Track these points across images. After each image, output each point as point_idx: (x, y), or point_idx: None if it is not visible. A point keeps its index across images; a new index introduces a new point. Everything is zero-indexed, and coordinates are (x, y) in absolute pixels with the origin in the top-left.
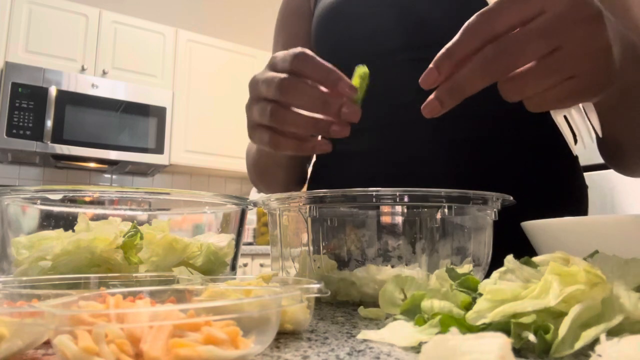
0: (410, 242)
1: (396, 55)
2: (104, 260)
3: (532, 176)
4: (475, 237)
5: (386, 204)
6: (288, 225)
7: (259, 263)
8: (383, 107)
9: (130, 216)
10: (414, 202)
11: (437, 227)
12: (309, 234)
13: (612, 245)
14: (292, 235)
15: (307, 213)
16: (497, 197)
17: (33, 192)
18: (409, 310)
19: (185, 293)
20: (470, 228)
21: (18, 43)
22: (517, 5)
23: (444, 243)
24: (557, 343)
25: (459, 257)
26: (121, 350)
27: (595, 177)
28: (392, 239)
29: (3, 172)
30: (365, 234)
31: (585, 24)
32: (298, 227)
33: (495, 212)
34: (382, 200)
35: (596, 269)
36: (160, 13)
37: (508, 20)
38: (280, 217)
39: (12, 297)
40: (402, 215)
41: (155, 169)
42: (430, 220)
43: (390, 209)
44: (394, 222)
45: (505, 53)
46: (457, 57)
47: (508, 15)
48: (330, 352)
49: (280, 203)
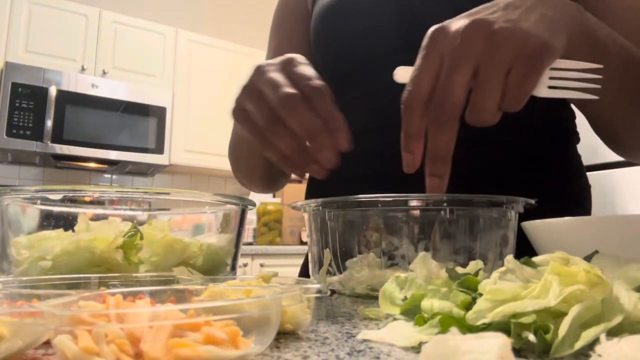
0: (413, 243)
1: (397, 54)
2: (104, 260)
3: (536, 177)
4: (484, 238)
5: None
6: None
7: (259, 263)
8: (385, 108)
9: (130, 216)
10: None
11: (442, 227)
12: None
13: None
14: None
15: (325, 216)
16: (509, 199)
17: (33, 192)
18: (409, 310)
19: (185, 293)
20: (479, 229)
21: (18, 43)
22: (424, 68)
23: (448, 243)
24: (557, 343)
25: (463, 257)
26: (121, 350)
27: (595, 177)
28: (396, 239)
29: (3, 172)
30: (374, 235)
31: (486, 26)
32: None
33: (513, 213)
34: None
35: (596, 269)
36: (160, 13)
37: (427, 82)
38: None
39: (12, 297)
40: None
41: (155, 169)
42: (431, 222)
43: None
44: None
45: (443, 101)
46: (416, 135)
47: (424, 79)
48: (330, 352)
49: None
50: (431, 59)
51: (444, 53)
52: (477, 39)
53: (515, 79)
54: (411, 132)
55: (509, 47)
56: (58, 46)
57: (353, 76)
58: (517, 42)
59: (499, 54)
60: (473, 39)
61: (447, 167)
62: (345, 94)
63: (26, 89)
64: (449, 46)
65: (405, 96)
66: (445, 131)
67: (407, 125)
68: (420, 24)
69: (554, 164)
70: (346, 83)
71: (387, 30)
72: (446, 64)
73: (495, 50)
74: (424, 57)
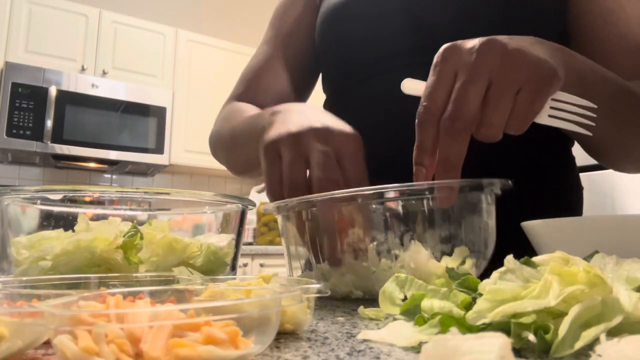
0: (398, 236)
1: (403, 58)
2: (104, 260)
3: (526, 176)
4: (467, 223)
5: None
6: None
7: (259, 263)
8: (388, 110)
9: (130, 216)
10: (399, 197)
11: (422, 217)
12: (306, 235)
13: (612, 245)
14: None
15: (305, 216)
16: (488, 182)
17: (33, 192)
18: (409, 310)
19: (185, 293)
20: (459, 214)
21: (18, 43)
22: (437, 81)
23: (432, 233)
24: (557, 343)
25: (449, 246)
26: (121, 350)
27: (595, 177)
28: (380, 234)
29: (3, 172)
30: (356, 232)
31: (496, 45)
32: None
33: (491, 195)
34: (365, 197)
35: (596, 269)
36: (160, 13)
37: (441, 97)
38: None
39: (12, 297)
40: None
41: (155, 169)
42: (416, 212)
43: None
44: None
45: (456, 116)
46: (429, 149)
47: (438, 92)
48: (330, 352)
49: (281, 210)
50: (445, 74)
51: (457, 68)
52: (493, 56)
53: (524, 100)
54: (425, 146)
55: (522, 68)
56: (58, 46)
57: (356, 78)
58: (530, 64)
59: (512, 73)
60: (489, 55)
61: (457, 177)
62: (348, 95)
63: (26, 89)
64: (463, 62)
65: (420, 111)
66: (459, 141)
67: (421, 139)
68: (428, 30)
69: (550, 171)
70: (349, 84)
71: (391, 34)
72: (461, 77)
73: (508, 68)
74: (438, 72)
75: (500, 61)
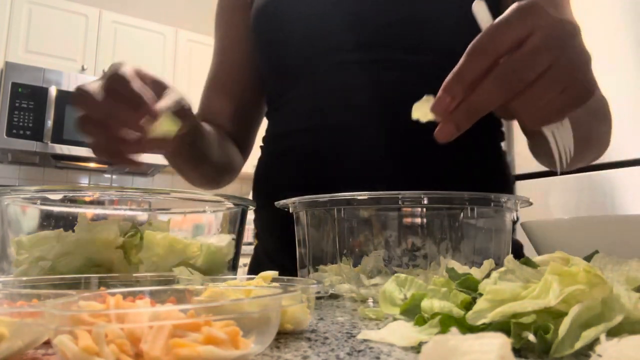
0: (435, 242)
1: (344, 54)
2: (104, 260)
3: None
4: (496, 238)
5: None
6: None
7: None
8: (327, 107)
9: (130, 216)
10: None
11: (458, 228)
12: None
13: (612, 245)
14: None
15: (335, 215)
16: (517, 198)
17: (33, 192)
18: (409, 310)
19: (185, 293)
20: (490, 229)
21: (18, 43)
22: (514, 26)
23: (467, 243)
24: (557, 343)
25: (480, 257)
26: (121, 350)
27: (595, 177)
28: (417, 239)
29: (3, 172)
30: (392, 235)
31: (570, 39)
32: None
33: (515, 214)
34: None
35: (596, 269)
36: (160, 13)
37: (509, 41)
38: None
39: (12, 297)
40: (425, 217)
41: (155, 169)
42: (453, 222)
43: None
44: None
45: (517, 70)
46: (467, 80)
47: (509, 35)
48: (330, 352)
49: (306, 206)
50: (524, 23)
51: (535, 28)
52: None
53: (561, 102)
54: (464, 75)
55: (580, 68)
56: (58, 46)
57: (295, 75)
58: (587, 79)
59: (571, 68)
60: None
61: (471, 123)
62: (287, 93)
63: (26, 89)
64: (545, 25)
65: (483, 40)
66: (501, 94)
67: (463, 67)
68: (371, 27)
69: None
70: (288, 82)
71: (332, 31)
72: (536, 38)
73: (571, 61)
74: (520, 16)
75: (570, 54)
